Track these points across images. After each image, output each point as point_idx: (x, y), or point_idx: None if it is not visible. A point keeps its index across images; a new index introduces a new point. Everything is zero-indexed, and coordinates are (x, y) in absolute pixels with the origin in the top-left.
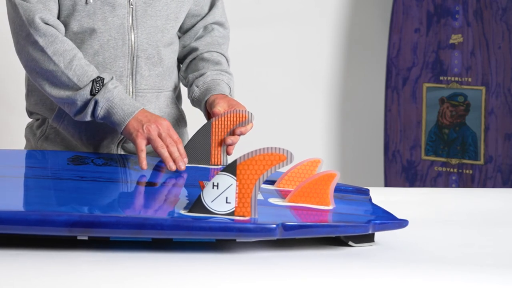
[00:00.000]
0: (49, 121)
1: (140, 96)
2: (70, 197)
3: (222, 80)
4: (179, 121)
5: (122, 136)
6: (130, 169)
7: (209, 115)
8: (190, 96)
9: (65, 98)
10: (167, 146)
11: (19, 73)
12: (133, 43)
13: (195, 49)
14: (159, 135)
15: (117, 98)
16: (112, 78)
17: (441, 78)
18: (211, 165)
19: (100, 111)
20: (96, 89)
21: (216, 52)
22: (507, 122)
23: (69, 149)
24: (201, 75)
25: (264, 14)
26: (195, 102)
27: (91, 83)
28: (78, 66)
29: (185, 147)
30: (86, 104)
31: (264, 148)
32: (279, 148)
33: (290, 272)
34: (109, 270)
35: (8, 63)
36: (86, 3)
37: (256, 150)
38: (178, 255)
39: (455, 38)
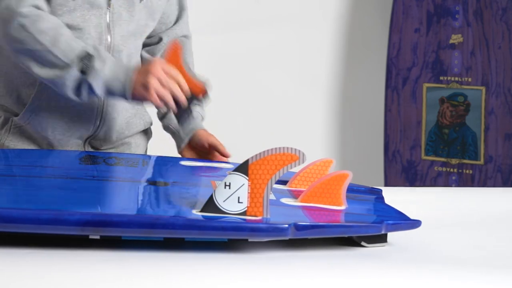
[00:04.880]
0: (13, 120)
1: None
2: (81, 197)
3: (196, 112)
4: (146, 125)
5: (90, 133)
6: (141, 169)
7: (193, 149)
8: (165, 125)
9: (53, 77)
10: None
11: None
12: (109, 43)
13: None
14: (160, 81)
15: (109, 73)
16: (98, 52)
17: (441, 78)
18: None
19: (99, 92)
20: (85, 66)
21: None
22: (507, 122)
23: (35, 147)
24: None
25: (263, 15)
26: (168, 129)
27: (79, 61)
28: (64, 43)
29: None
30: (79, 84)
31: (276, 148)
32: (291, 148)
33: (302, 272)
34: (120, 269)
35: None
36: None
37: (268, 150)
38: (190, 254)
39: (455, 38)
